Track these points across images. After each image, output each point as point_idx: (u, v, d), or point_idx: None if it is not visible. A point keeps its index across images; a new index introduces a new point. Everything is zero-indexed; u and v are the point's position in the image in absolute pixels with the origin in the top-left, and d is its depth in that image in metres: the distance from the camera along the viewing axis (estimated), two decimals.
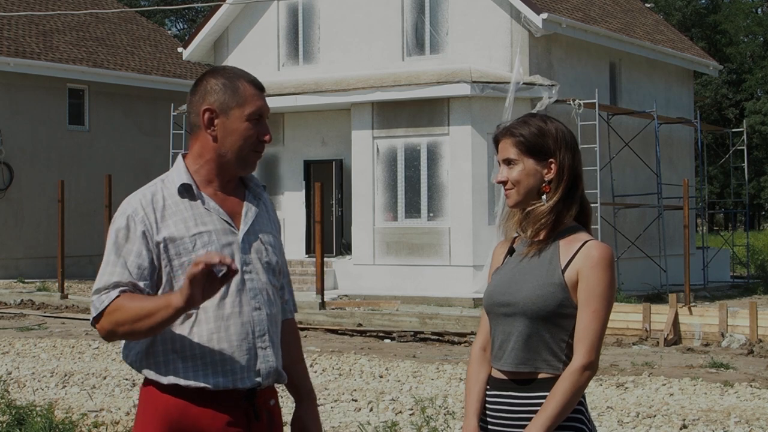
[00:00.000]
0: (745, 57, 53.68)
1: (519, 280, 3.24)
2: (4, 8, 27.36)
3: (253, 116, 3.16)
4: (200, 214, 3.14)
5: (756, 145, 49.91)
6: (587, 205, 3.33)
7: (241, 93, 3.16)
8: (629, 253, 22.41)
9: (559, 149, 3.25)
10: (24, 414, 7.70)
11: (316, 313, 17.38)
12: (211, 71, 3.24)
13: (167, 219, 3.11)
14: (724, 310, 14.82)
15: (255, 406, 3.17)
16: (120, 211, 3.15)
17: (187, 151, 3.27)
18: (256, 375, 3.14)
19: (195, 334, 3.10)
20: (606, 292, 3.16)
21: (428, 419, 7.75)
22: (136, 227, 3.09)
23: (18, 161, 26.08)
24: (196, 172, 3.19)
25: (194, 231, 3.11)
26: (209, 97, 3.16)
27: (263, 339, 3.16)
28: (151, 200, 3.13)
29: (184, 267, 3.08)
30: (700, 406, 9.57)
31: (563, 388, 3.13)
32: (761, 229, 56.43)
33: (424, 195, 20.97)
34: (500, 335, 3.27)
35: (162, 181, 3.20)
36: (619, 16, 25.35)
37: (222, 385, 3.09)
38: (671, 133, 25.37)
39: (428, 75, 20.89)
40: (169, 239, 3.09)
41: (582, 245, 3.21)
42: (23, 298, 20.53)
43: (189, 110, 3.23)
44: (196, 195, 3.16)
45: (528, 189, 3.26)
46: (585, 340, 3.15)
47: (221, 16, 23.73)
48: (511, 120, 3.39)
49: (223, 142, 3.15)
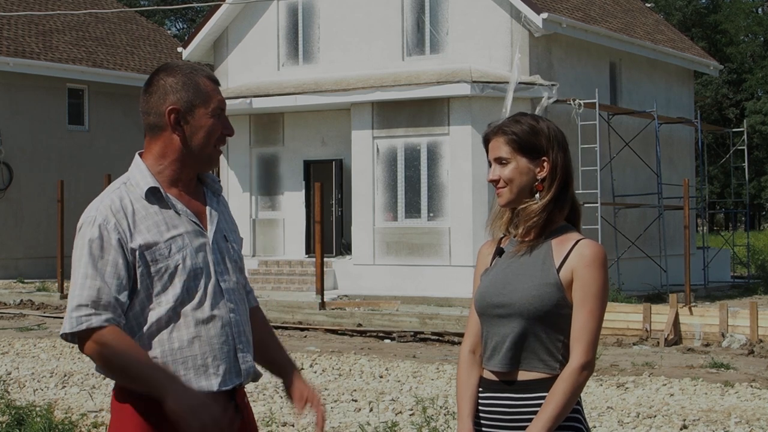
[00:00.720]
0: (745, 57, 53.67)
1: (513, 280, 3.22)
2: (4, 8, 27.35)
3: (216, 112, 3.14)
4: (170, 217, 3.10)
5: (756, 145, 49.91)
6: (578, 204, 3.32)
7: (203, 90, 3.13)
8: (629, 253, 22.40)
9: (552, 148, 3.23)
10: (24, 414, 7.70)
11: (316, 313, 17.37)
12: (164, 69, 3.18)
13: (139, 225, 3.06)
14: (724, 310, 14.80)
15: (237, 405, 3.17)
16: (88, 219, 3.08)
17: (142, 151, 3.21)
18: (237, 376, 3.14)
19: (176, 340, 3.07)
20: (600, 292, 3.16)
21: (429, 419, 7.74)
22: (110, 236, 3.03)
23: (17, 161, 26.07)
24: (159, 173, 3.14)
25: (167, 236, 3.07)
26: (171, 96, 3.11)
27: (241, 340, 3.16)
28: (121, 206, 3.07)
29: (160, 273, 3.04)
30: (701, 406, 9.55)
31: (563, 389, 3.11)
32: (762, 229, 56.41)
33: (424, 195, 20.96)
34: (495, 337, 3.24)
35: (125, 185, 3.14)
36: (620, 15, 25.33)
37: (206, 388, 3.07)
38: (671, 133, 25.35)
39: (428, 75, 20.87)
40: (145, 246, 3.04)
41: (575, 244, 3.20)
42: (23, 299, 20.53)
43: (146, 110, 3.16)
44: (164, 198, 3.11)
45: (521, 187, 3.24)
46: (582, 339, 3.14)
47: (221, 15, 23.71)
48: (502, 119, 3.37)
49: (190, 140, 3.12)
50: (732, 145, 30.86)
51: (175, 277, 3.06)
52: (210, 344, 3.09)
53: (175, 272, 3.06)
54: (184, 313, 3.06)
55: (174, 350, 3.06)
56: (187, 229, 3.11)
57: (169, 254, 3.06)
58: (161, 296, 3.06)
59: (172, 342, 3.06)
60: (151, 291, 3.06)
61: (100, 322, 2.99)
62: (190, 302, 3.07)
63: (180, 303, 3.06)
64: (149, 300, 3.06)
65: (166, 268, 3.05)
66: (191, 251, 3.09)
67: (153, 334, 3.06)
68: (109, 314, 3.00)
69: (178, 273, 3.06)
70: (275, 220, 23.24)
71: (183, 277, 3.06)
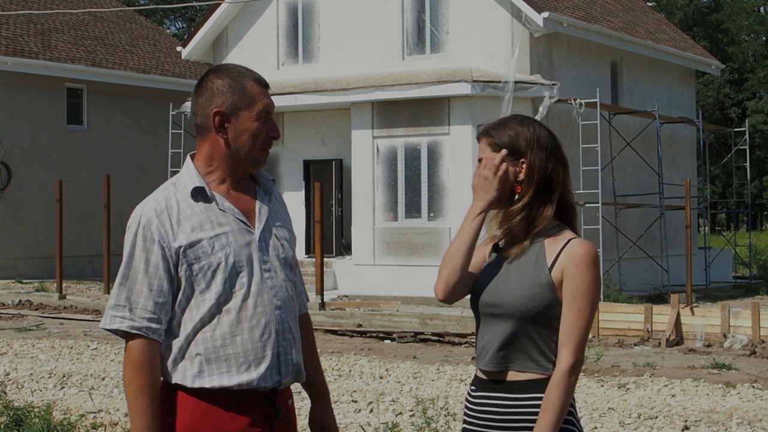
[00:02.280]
0: (747, 56, 53.66)
1: (505, 280, 3.24)
2: (2, 7, 27.31)
3: (261, 115, 3.18)
4: (215, 215, 3.15)
5: (758, 145, 49.89)
6: (570, 204, 3.34)
7: (248, 93, 3.17)
8: (631, 254, 22.36)
9: (531, 150, 3.27)
10: (22, 415, 7.67)
11: (316, 314, 17.33)
12: (215, 71, 3.24)
13: (183, 224, 3.12)
14: (726, 310, 14.77)
15: (276, 406, 3.18)
16: (133, 220, 3.16)
17: (194, 152, 3.27)
18: (278, 374, 3.17)
19: (218, 337, 3.12)
20: (591, 290, 3.17)
21: (429, 420, 7.70)
22: (153, 237, 3.11)
23: (16, 161, 26.03)
24: (207, 174, 3.20)
25: (211, 233, 3.12)
26: (217, 98, 3.17)
27: (285, 338, 3.19)
28: (165, 206, 3.14)
29: (203, 270, 3.10)
30: (702, 407, 9.52)
31: (558, 393, 3.12)
32: (763, 229, 56.40)
33: (425, 195, 20.92)
34: (487, 335, 3.26)
35: (174, 185, 3.20)
36: (621, 15, 25.30)
37: (246, 385, 3.11)
38: (673, 132, 25.32)
39: (428, 74, 20.84)
40: (188, 245, 3.10)
41: (566, 243, 3.22)
42: (21, 299, 20.49)
43: (195, 112, 3.23)
44: (209, 197, 3.16)
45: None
46: (571, 339, 3.15)
47: (220, 15, 23.69)
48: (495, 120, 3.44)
49: (234, 143, 3.17)
50: (734, 145, 30.82)
51: (217, 274, 3.11)
52: (252, 341, 3.13)
53: (217, 269, 3.11)
54: (227, 310, 3.11)
55: (217, 347, 3.11)
56: (232, 228, 3.15)
57: (212, 252, 3.11)
58: (205, 293, 3.11)
59: (215, 339, 3.12)
60: (194, 288, 3.11)
61: (129, 326, 3.09)
62: (233, 299, 3.12)
63: (224, 300, 3.11)
64: (193, 297, 3.12)
65: (209, 265, 3.10)
66: (235, 249, 3.13)
67: (197, 331, 3.12)
68: (140, 321, 3.09)
69: (221, 270, 3.11)
70: None
71: (225, 274, 3.11)
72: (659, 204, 22.93)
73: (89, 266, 26.63)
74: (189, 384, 3.10)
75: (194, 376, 3.10)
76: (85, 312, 18.77)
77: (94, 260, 26.22)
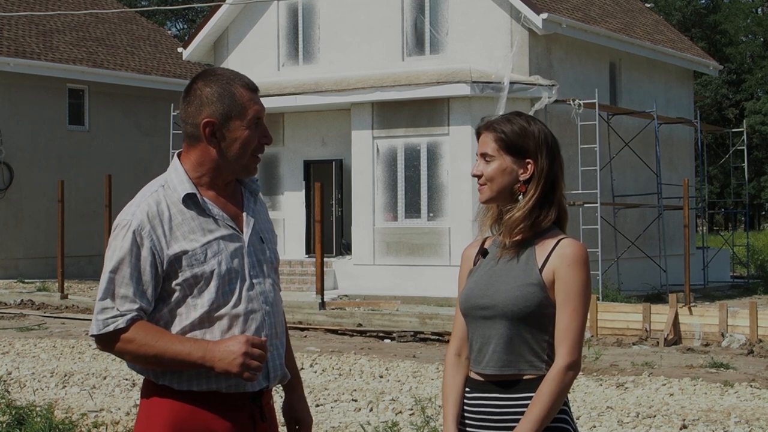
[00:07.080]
0: (745, 57, 53.67)
1: (496, 281, 3.21)
2: (4, 8, 27.35)
3: (252, 122, 3.14)
4: (206, 222, 3.13)
5: (756, 145, 49.92)
6: (564, 208, 3.29)
7: (238, 101, 3.12)
8: (629, 253, 22.41)
9: (540, 152, 3.22)
10: (24, 414, 7.70)
11: (316, 313, 17.38)
12: (202, 77, 3.18)
13: (175, 231, 3.09)
14: (724, 310, 14.81)
15: (261, 407, 3.19)
16: (123, 222, 3.10)
17: (181, 151, 3.23)
18: (266, 380, 3.17)
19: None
20: (583, 290, 3.15)
21: (428, 419, 7.75)
22: (143, 242, 3.06)
23: (18, 161, 26.08)
24: (197, 179, 3.17)
25: (203, 241, 3.10)
26: (206, 108, 3.12)
27: (273, 343, 3.18)
28: (157, 212, 3.09)
29: (196, 278, 3.08)
30: (700, 406, 9.56)
31: (549, 390, 3.11)
32: (761, 229, 56.40)
33: (424, 195, 20.97)
34: (479, 338, 3.23)
35: (163, 188, 3.15)
36: (619, 16, 25.34)
37: (234, 388, 3.10)
38: (671, 133, 25.37)
39: (428, 75, 20.89)
40: (181, 252, 3.07)
41: (556, 244, 3.19)
42: (23, 299, 20.53)
43: (184, 120, 3.17)
44: (200, 203, 3.13)
45: (501, 187, 3.23)
46: (567, 339, 3.13)
47: (221, 16, 23.72)
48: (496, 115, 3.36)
49: (225, 152, 3.14)
50: (731, 145, 30.88)
51: (210, 281, 3.08)
52: None
53: (210, 277, 3.08)
54: (218, 316, 3.10)
55: None
56: (223, 234, 3.13)
57: (204, 259, 3.09)
58: (197, 299, 3.09)
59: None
60: (186, 295, 3.09)
61: (124, 323, 3.04)
62: (225, 306, 3.10)
63: (215, 307, 3.09)
64: (184, 303, 3.09)
65: (201, 273, 3.08)
66: (227, 255, 3.11)
67: (188, 334, 3.09)
68: (133, 314, 3.04)
69: (214, 278, 3.09)
70: (275, 220, 23.23)
71: (218, 281, 3.09)
72: (657, 204, 22.98)
73: (90, 266, 26.68)
74: (176, 387, 3.09)
75: (182, 380, 3.09)
76: (87, 311, 18.80)
77: (95, 260, 26.29)
